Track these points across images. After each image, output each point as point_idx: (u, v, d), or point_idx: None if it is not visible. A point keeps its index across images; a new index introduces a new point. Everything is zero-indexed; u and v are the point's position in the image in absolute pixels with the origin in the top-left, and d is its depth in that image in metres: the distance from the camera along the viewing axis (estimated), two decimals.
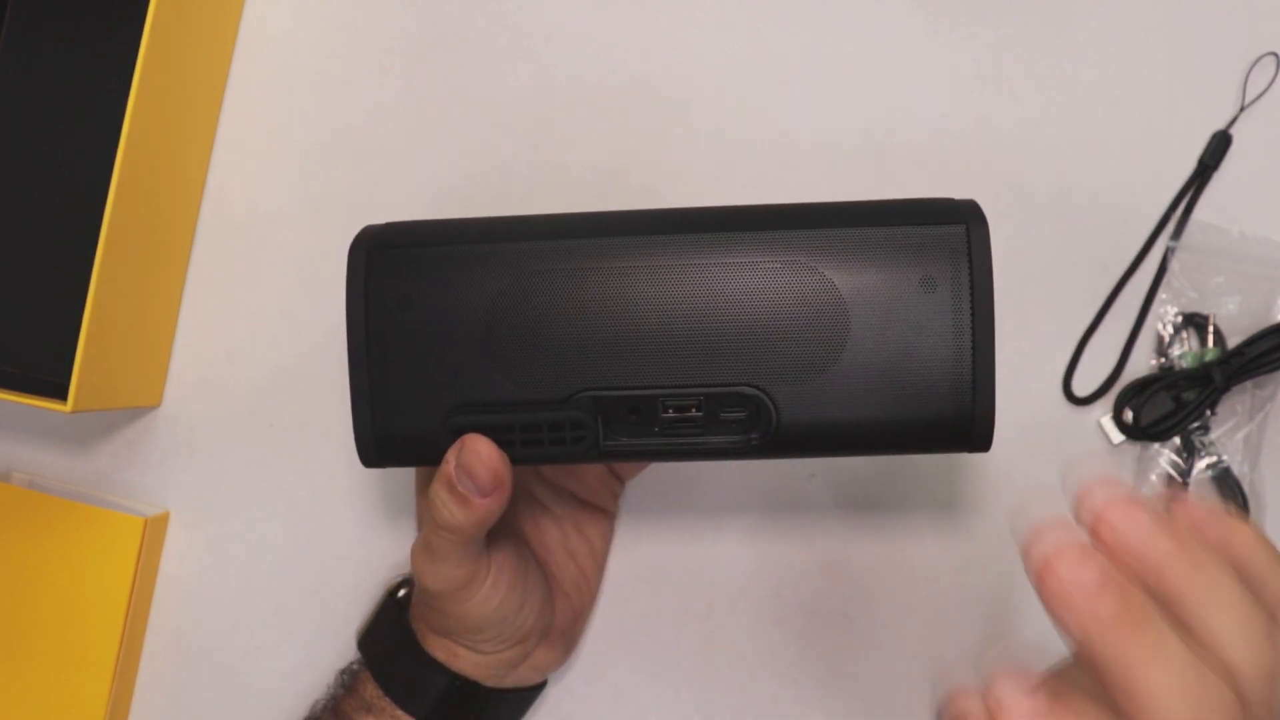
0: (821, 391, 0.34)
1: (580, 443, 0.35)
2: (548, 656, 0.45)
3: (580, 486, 0.46)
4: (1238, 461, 0.48)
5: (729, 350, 0.34)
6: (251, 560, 0.51)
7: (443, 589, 0.39)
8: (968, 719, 0.26)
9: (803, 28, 0.51)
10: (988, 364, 0.34)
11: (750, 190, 0.51)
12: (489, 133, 0.52)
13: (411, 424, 0.36)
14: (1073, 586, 0.25)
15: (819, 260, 0.34)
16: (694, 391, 0.35)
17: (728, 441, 0.35)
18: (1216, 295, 0.49)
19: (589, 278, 0.35)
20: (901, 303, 0.34)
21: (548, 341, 0.35)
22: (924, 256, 0.34)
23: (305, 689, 0.49)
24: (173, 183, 0.50)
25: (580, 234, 0.35)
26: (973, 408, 0.34)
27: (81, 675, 0.49)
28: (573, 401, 0.35)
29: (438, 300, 0.35)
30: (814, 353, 0.34)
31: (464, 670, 0.42)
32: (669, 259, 0.34)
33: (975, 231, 0.34)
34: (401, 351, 0.35)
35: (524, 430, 0.35)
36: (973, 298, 0.34)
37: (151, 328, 0.50)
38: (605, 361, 0.35)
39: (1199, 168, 0.49)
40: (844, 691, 0.48)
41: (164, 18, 0.45)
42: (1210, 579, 0.25)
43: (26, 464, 0.52)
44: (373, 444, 0.36)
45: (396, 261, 0.36)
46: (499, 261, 0.35)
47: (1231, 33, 0.50)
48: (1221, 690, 0.24)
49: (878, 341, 0.34)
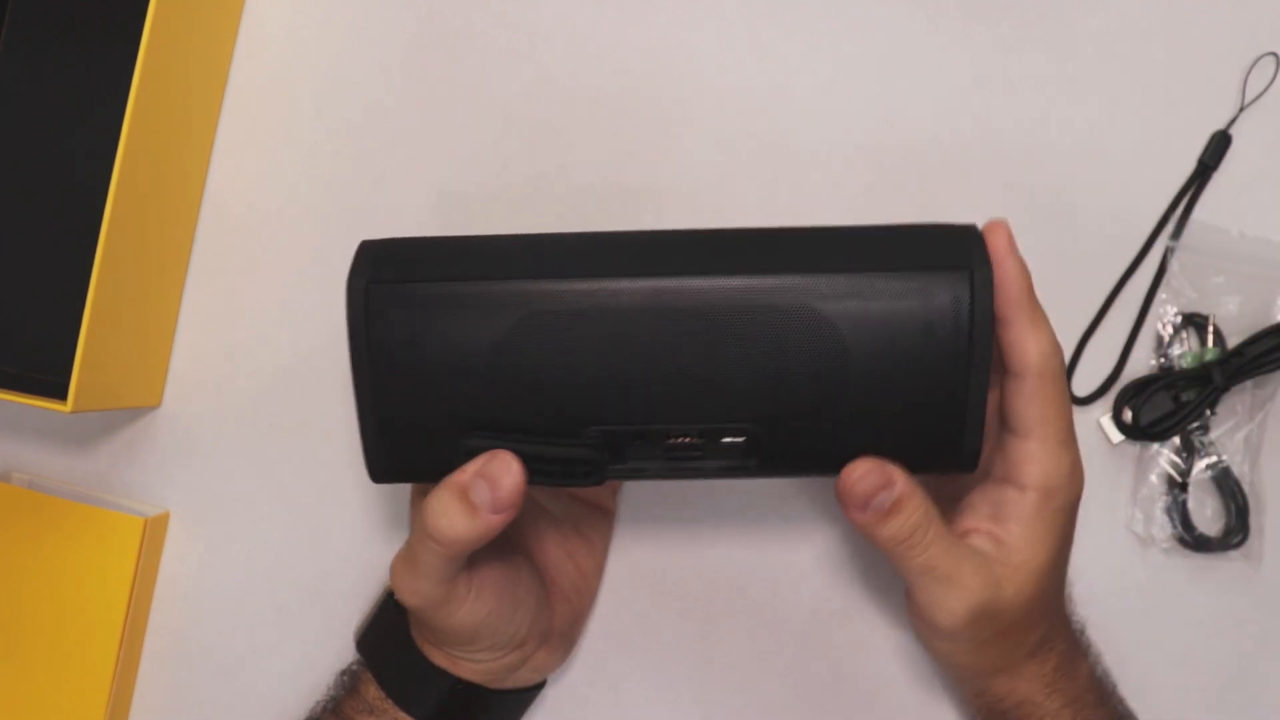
0: (820, 427, 0.35)
1: (589, 476, 0.36)
2: (547, 658, 0.44)
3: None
4: (1238, 461, 0.48)
5: (731, 390, 0.35)
6: (251, 560, 0.51)
7: (420, 605, 0.38)
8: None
9: (803, 27, 0.51)
10: (979, 407, 0.35)
11: (750, 190, 0.51)
12: (489, 132, 0.52)
13: (422, 451, 0.36)
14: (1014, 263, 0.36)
15: (822, 304, 0.34)
16: (699, 428, 0.36)
17: (727, 465, 0.37)
18: (1216, 295, 0.49)
19: (596, 319, 0.35)
20: (901, 349, 0.35)
21: (554, 380, 0.35)
22: (926, 304, 0.34)
23: (305, 689, 0.49)
24: (173, 183, 0.50)
25: (586, 270, 0.35)
26: (961, 440, 0.36)
27: (81, 675, 0.48)
28: (582, 436, 0.35)
29: (442, 340, 0.35)
30: (814, 393, 0.35)
31: (465, 675, 0.42)
32: (674, 301, 0.35)
33: (979, 277, 0.35)
34: (407, 385, 0.35)
35: (535, 461, 0.35)
36: (971, 347, 0.35)
37: (151, 328, 0.50)
38: (614, 400, 0.35)
39: (1199, 168, 0.49)
40: (844, 691, 0.48)
41: (164, 17, 0.45)
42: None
43: (26, 464, 0.52)
44: (382, 470, 0.37)
45: (399, 299, 0.35)
46: (504, 303, 0.35)
47: (1231, 33, 0.50)
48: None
49: (876, 385, 0.35)
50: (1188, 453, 0.48)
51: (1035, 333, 0.36)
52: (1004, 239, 0.36)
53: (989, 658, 0.40)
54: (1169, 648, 0.48)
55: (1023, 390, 0.37)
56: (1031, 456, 0.37)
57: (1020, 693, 0.41)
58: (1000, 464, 0.38)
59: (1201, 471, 0.48)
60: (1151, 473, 0.49)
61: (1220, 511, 0.49)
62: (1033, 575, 0.38)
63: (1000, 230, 0.36)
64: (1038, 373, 0.36)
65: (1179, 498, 0.48)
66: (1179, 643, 0.48)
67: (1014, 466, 0.38)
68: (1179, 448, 0.49)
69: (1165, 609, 0.48)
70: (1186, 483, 0.48)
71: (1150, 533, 0.48)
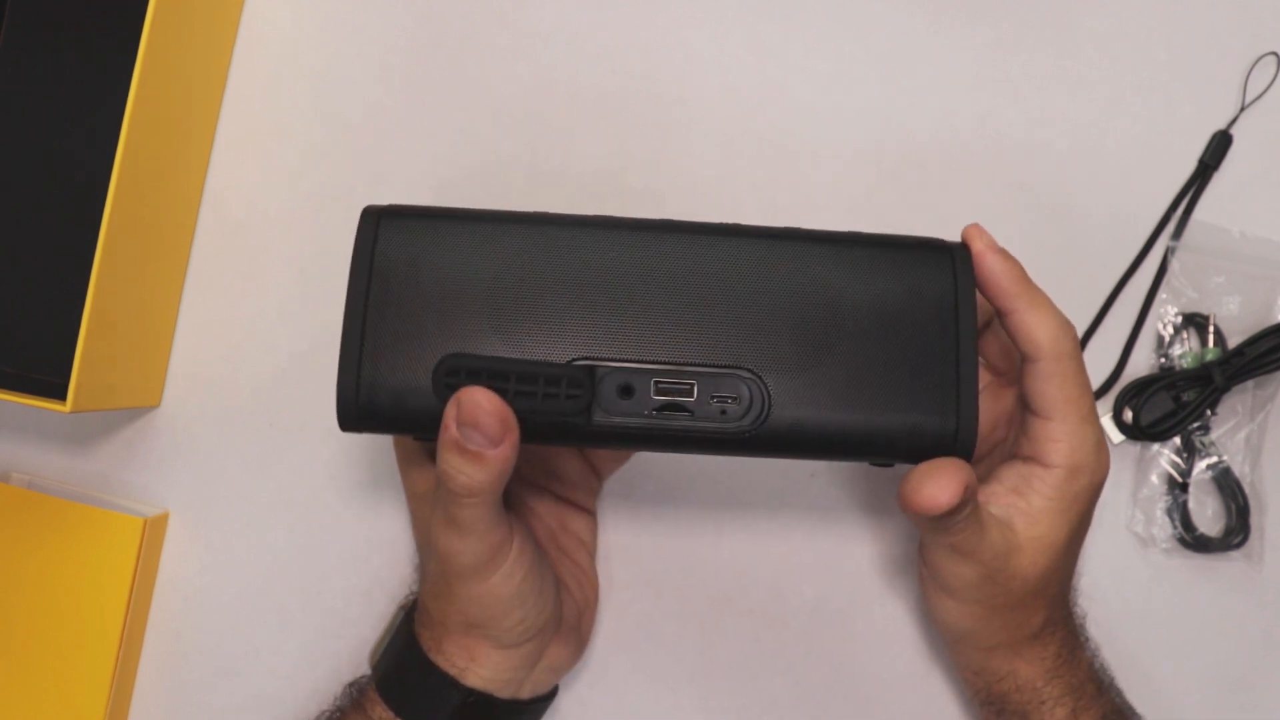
0: (813, 385, 0.36)
1: (575, 400, 0.35)
2: (560, 653, 0.44)
3: (560, 485, 0.46)
4: (1238, 462, 0.48)
5: (727, 335, 0.36)
6: (251, 560, 0.51)
7: (473, 562, 0.38)
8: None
9: (803, 27, 0.51)
10: (971, 378, 0.36)
11: (749, 190, 0.51)
12: (488, 132, 0.52)
13: (400, 376, 0.35)
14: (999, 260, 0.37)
15: (818, 262, 0.36)
16: (689, 369, 0.35)
17: (717, 429, 0.36)
18: (1217, 295, 0.49)
19: (594, 256, 0.36)
20: (891, 308, 0.36)
21: (549, 311, 0.36)
22: (914, 272, 0.36)
23: (305, 689, 0.49)
24: (173, 183, 0.50)
25: (588, 224, 0.37)
26: (957, 422, 0.36)
27: (81, 676, 0.48)
28: (569, 367, 0.35)
29: (444, 264, 0.36)
30: (808, 346, 0.36)
31: (482, 676, 0.41)
32: (674, 247, 0.36)
33: (960, 255, 0.37)
34: (401, 311, 0.36)
35: (519, 380, 0.35)
36: (957, 315, 0.36)
37: (151, 328, 0.50)
38: (604, 334, 0.36)
39: (1199, 167, 0.49)
40: (844, 691, 0.48)
41: (164, 17, 0.45)
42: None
43: (26, 464, 0.52)
44: (355, 399, 0.35)
45: (409, 228, 0.36)
46: (508, 235, 0.36)
47: (1232, 32, 0.50)
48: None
49: (868, 342, 0.36)
50: (1188, 453, 0.48)
51: (1039, 314, 0.37)
52: (982, 237, 0.38)
53: (993, 628, 0.41)
54: (1170, 648, 0.48)
55: (1039, 372, 0.38)
56: (1055, 435, 0.38)
57: (1020, 675, 0.41)
58: (1025, 445, 0.39)
59: (1202, 472, 0.48)
60: (1152, 473, 0.49)
61: (1221, 512, 0.49)
62: (1047, 550, 0.38)
63: (975, 230, 0.38)
64: (1051, 354, 0.37)
65: (1179, 498, 0.48)
66: (1180, 643, 0.48)
67: (1039, 446, 0.38)
68: (1179, 448, 0.49)
69: (1166, 609, 0.48)
70: (1187, 483, 0.48)
71: (1151, 533, 0.48)
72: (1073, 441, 0.38)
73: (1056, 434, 0.38)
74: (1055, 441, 0.38)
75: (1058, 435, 0.38)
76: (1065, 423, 0.38)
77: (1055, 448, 0.38)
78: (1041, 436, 0.38)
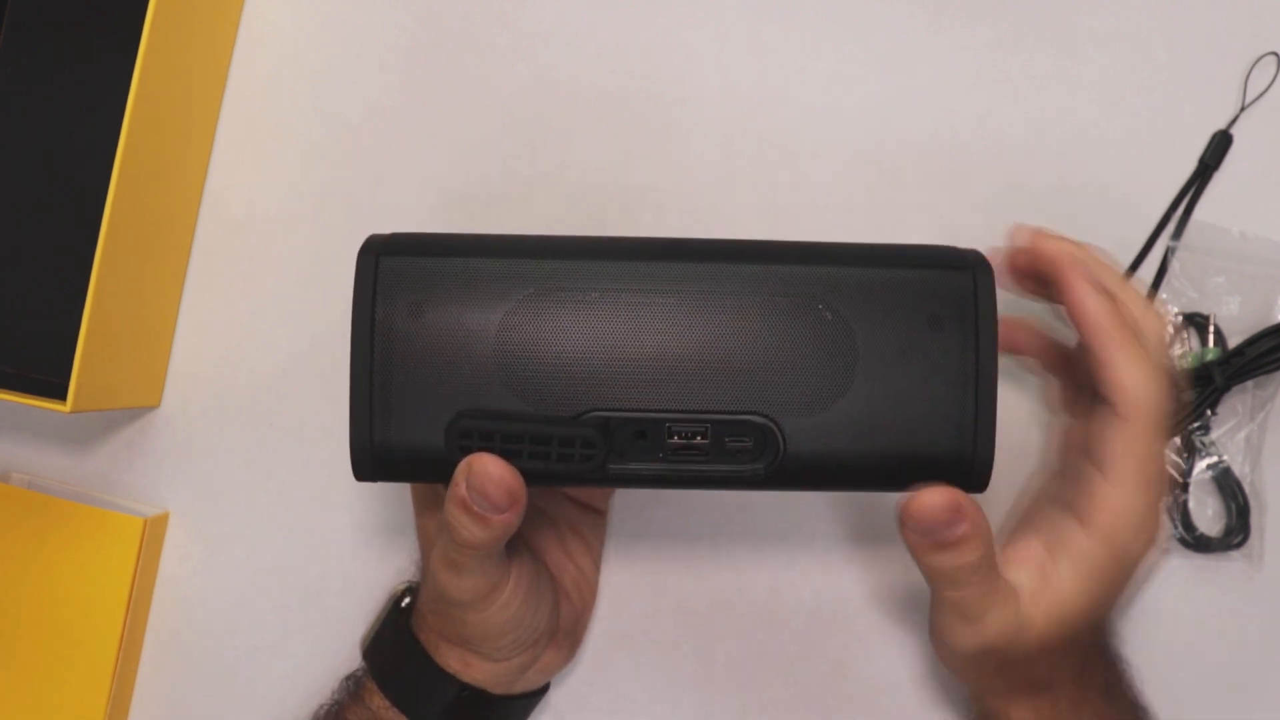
0: (828, 424, 0.35)
1: (589, 461, 0.35)
2: (554, 658, 0.45)
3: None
4: (1238, 462, 0.48)
5: (738, 378, 0.35)
6: (251, 560, 0.51)
7: (468, 599, 0.39)
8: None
9: (803, 27, 0.51)
10: (989, 408, 0.35)
11: (750, 190, 0.51)
12: (488, 132, 0.52)
13: (413, 434, 0.35)
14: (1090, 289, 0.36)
15: (830, 295, 0.35)
16: (702, 417, 0.35)
17: (733, 470, 0.35)
18: (1217, 295, 0.49)
19: (602, 300, 0.35)
20: (908, 340, 0.34)
21: (558, 360, 0.34)
22: (931, 298, 0.35)
23: (305, 689, 0.49)
24: (172, 183, 0.50)
25: (595, 256, 0.35)
26: (974, 451, 0.35)
27: (81, 676, 0.48)
28: (581, 420, 0.35)
29: (448, 311, 0.35)
30: (822, 385, 0.35)
31: (475, 679, 0.42)
32: (682, 286, 0.35)
33: (981, 276, 0.35)
34: (407, 361, 0.35)
35: (532, 442, 0.35)
36: (978, 341, 0.34)
37: (151, 328, 0.50)
38: (615, 383, 0.35)
39: (1200, 167, 0.49)
40: (844, 692, 0.48)
41: (164, 17, 0.45)
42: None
43: (26, 464, 0.52)
44: (370, 454, 0.35)
45: (408, 270, 0.35)
46: (513, 277, 0.35)
47: (1232, 32, 0.50)
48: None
49: (884, 377, 0.35)
50: (1188, 453, 0.48)
51: (1129, 362, 0.34)
52: (1074, 266, 0.36)
53: (986, 679, 0.40)
54: (1170, 648, 0.48)
55: (1108, 419, 0.35)
56: (1103, 495, 0.35)
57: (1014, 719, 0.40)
58: (1072, 492, 0.37)
59: (1202, 472, 0.48)
60: None
61: (1221, 512, 0.49)
62: (1062, 624, 0.36)
63: (1070, 260, 0.36)
64: (1131, 406, 0.34)
65: (1180, 498, 0.48)
66: (1180, 643, 0.48)
67: (1084, 500, 0.36)
68: (1180, 448, 0.49)
69: (1166, 609, 0.48)
70: (1187, 483, 0.48)
71: None
72: (1117, 506, 0.35)
73: (1107, 494, 0.35)
74: (1101, 500, 0.35)
75: (1107, 495, 0.35)
76: (1119, 485, 0.35)
77: (1099, 507, 0.35)
78: (1090, 491, 0.35)
